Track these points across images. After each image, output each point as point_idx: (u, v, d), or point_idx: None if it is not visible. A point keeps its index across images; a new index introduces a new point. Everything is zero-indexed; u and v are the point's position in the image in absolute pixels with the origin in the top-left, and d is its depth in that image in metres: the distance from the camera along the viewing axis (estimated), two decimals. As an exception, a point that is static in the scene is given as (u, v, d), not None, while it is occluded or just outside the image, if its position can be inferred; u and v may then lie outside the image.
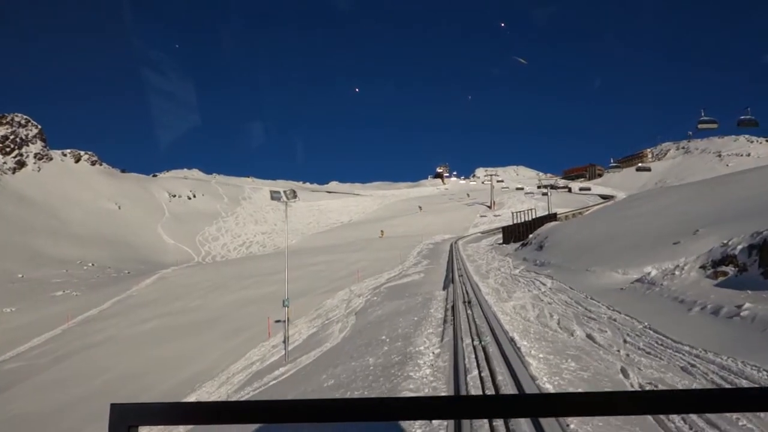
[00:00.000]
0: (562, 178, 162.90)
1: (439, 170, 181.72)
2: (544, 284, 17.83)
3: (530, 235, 34.31)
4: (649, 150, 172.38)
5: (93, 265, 73.82)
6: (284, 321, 25.08)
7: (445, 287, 20.72)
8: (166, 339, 24.50)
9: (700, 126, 58.55)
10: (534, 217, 50.02)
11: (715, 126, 57.61)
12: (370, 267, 38.84)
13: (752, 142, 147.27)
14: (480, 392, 7.06)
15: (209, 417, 1.01)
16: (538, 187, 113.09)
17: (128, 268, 73.76)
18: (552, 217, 45.87)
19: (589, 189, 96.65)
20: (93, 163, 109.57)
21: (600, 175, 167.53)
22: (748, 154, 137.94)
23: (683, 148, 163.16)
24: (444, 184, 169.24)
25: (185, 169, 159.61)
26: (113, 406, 0.99)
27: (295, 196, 20.06)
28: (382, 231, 77.45)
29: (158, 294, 40.82)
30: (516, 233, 47.62)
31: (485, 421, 5.66)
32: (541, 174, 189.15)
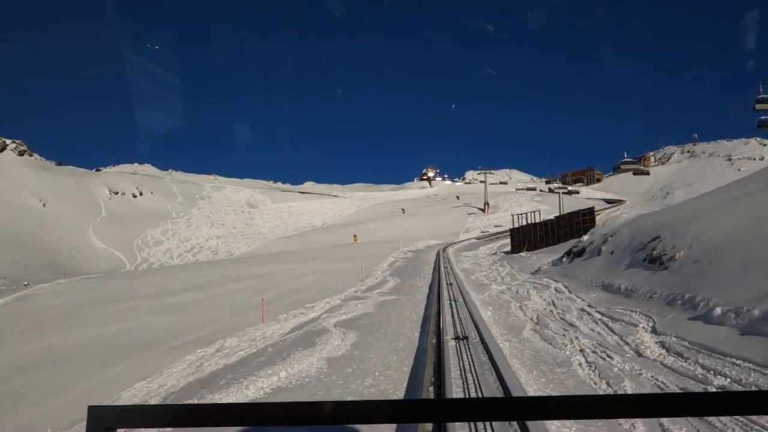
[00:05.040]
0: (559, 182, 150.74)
1: (425, 172, 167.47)
2: None
3: (585, 238, 20.05)
4: (651, 153, 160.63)
5: (-15, 274, 58.33)
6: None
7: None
8: None
9: (758, 106, 46.25)
10: (545, 217, 36.29)
11: (775, 106, 47.12)
12: (311, 287, 24.56)
13: (765, 145, 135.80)
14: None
15: (190, 420, 0.98)
16: (548, 182, 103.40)
17: (32, 278, 57.85)
18: (590, 212, 32.14)
19: (648, 174, 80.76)
20: (21, 153, 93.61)
21: (599, 180, 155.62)
22: (762, 158, 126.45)
23: (689, 151, 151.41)
24: (431, 186, 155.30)
25: (136, 164, 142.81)
26: (91, 409, 0.95)
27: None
28: (355, 236, 65.78)
29: (-26, 326, 25.92)
30: (531, 238, 33.67)
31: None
32: (535, 178, 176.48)
